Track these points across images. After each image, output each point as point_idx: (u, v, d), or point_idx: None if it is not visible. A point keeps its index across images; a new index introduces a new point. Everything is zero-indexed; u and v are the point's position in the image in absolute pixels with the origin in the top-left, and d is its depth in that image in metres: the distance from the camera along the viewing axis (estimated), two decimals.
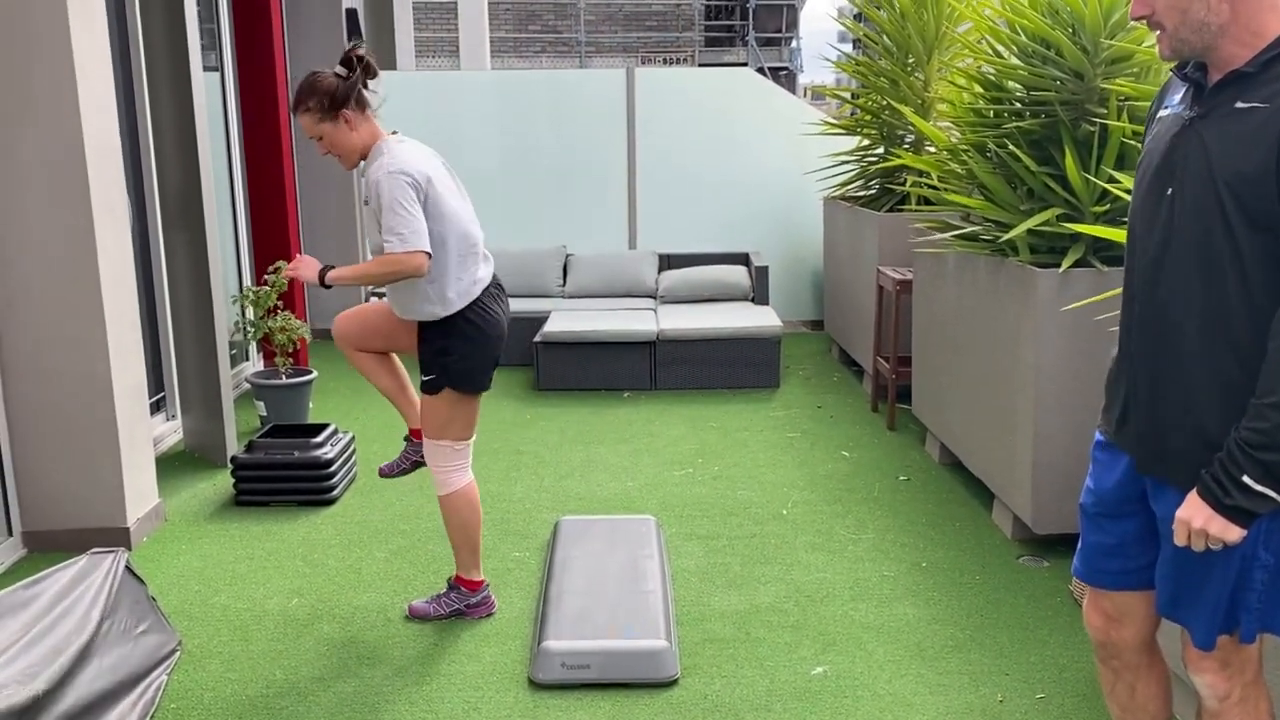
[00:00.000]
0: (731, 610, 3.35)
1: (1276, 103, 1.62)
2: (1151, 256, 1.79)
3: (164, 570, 3.71)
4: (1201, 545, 1.71)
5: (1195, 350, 1.74)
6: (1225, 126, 1.68)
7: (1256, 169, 1.63)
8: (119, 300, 3.86)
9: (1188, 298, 1.73)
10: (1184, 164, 1.74)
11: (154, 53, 4.65)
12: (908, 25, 5.92)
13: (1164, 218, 1.76)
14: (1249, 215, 1.64)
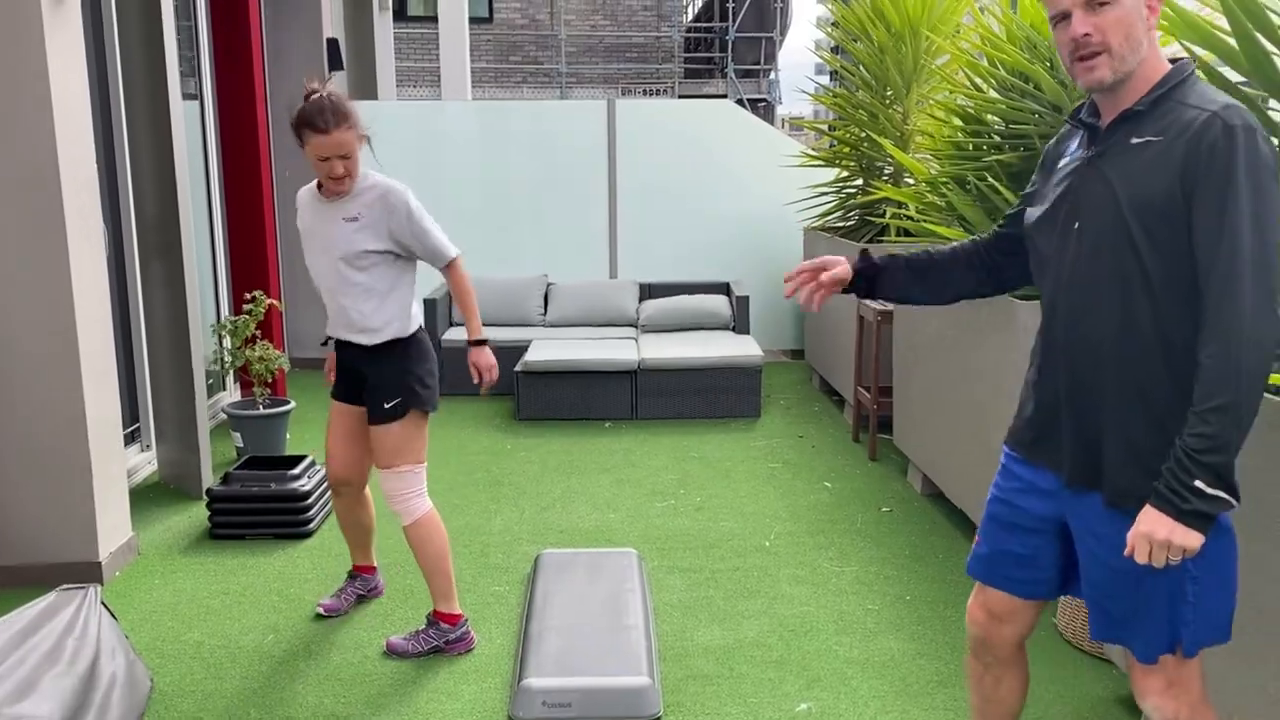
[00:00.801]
0: (715, 645, 3.31)
1: (1169, 135, 1.77)
2: (1068, 286, 1.91)
3: (136, 606, 3.63)
4: (1163, 559, 1.75)
5: (1115, 368, 1.86)
6: (1125, 162, 1.82)
7: (1162, 196, 1.76)
8: (93, 331, 3.80)
9: (1104, 321, 1.86)
10: (1090, 199, 1.87)
11: (132, 79, 4.62)
12: (886, 59, 5.97)
13: (1074, 251, 1.89)
14: (1155, 241, 1.78)
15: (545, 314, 7.13)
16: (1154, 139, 1.79)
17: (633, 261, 7.67)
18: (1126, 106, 1.84)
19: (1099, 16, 1.77)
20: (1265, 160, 1.71)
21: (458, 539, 4.22)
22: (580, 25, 17.58)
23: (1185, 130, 1.75)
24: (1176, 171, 1.75)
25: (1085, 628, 3.23)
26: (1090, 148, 1.90)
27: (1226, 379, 1.70)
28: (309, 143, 3.02)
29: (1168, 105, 1.80)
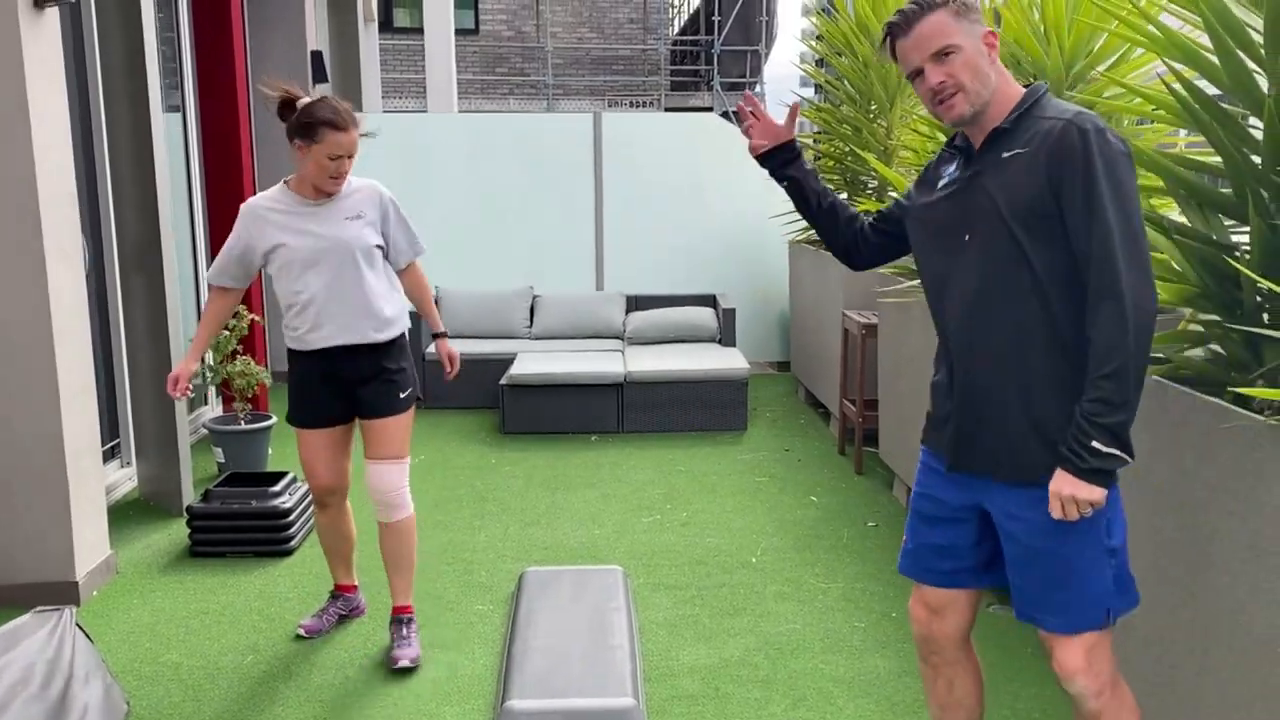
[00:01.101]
0: (700, 665, 3.28)
1: (1033, 145, 2.00)
2: (964, 294, 2.10)
3: (114, 627, 3.58)
4: (1074, 512, 1.95)
5: (1014, 362, 2.05)
6: (999, 174, 2.05)
7: (1035, 197, 1.98)
8: (71, 347, 3.76)
9: (1001, 321, 2.05)
10: (975, 211, 2.07)
11: (113, 92, 4.58)
12: (870, 73, 5.98)
13: (966, 259, 2.09)
14: (1036, 239, 1.99)
15: (531, 326, 7.10)
16: (1021, 150, 2.02)
17: (619, 274, 7.66)
18: (993, 128, 2.08)
19: (948, 65, 2.03)
20: (1117, 151, 1.94)
21: (441, 556, 4.18)
22: (566, 37, 17.60)
23: (1046, 138, 1.98)
24: (1043, 174, 1.97)
25: None
26: (968, 168, 2.12)
27: (1115, 346, 1.90)
28: (325, 140, 3.03)
29: (1029, 121, 2.04)
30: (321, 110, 3.04)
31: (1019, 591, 2.13)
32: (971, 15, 2.06)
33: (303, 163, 3.09)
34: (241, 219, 3.18)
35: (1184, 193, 2.58)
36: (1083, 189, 1.93)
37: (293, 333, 3.22)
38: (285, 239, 3.14)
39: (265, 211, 3.17)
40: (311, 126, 3.03)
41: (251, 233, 3.16)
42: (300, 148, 3.07)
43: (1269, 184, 2.35)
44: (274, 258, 3.16)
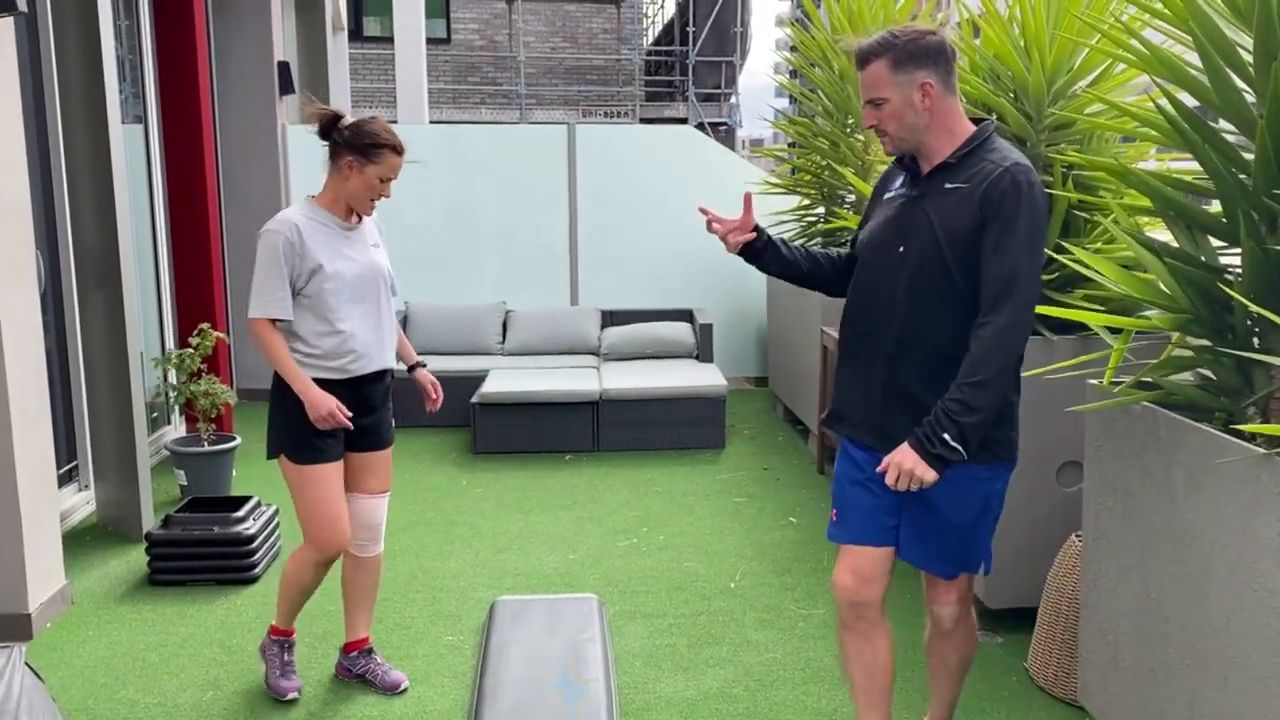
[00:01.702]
0: (678, 698, 3.18)
1: (973, 184, 2.30)
2: (888, 294, 2.40)
3: (67, 662, 3.43)
4: (904, 484, 2.27)
5: (929, 358, 2.36)
6: (940, 202, 2.34)
7: (967, 229, 2.29)
8: (23, 366, 3.61)
9: (921, 322, 2.37)
10: (913, 228, 2.38)
11: (70, 101, 4.43)
12: (846, 86, 5.93)
13: (897, 266, 2.39)
14: (961, 262, 2.31)
15: (504, 342, 6.98)
16: (962, 185, 2.32)
17: (594, 288, 7.56)
18: (938, 160, 2.37)
19: (878, 112, 2.35)
20: (1039, 206, 2.29)
21: (409, 584, 4.06)
22: (540, 47, 17.51)
23: (985, 179, 2.29)
24: (977, 210, 2.29)
25: (1059, 674, 3.14)
26: (913, 189, 2.42)
27: (987, 360, 2.24)
28: (385, 162, 2.93)
29: (974, 159, 2.34)
30: (383, 131, 2.94)
31: (921, 547, 2.49)
32: (910, 66, 2.31)
33: (346, 181, 2.93)
34: (281, 239, 2.87)
35: (1173, 213, 2.52)
36: (1004, 228, 2.25)
37: (327, 361, 2.95)
38: (331, 263, 2.93)
39: (310, 229, 2.92)
40: (375, 147, 2.91)
41: (295, 251, 2.89)
42: (351, 165, 2.91)
43: (1260, 206, 2.30)
44: (317, 279, 2.91)
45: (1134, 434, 2.56)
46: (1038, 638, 3.25)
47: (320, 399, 2.90)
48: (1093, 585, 2.81)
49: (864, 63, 2.35)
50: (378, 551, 3.20)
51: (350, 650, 3.26)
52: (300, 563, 3.07)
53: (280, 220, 2.92)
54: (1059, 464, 3.49)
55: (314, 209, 2.99)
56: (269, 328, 2.93)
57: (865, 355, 2.47)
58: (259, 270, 2.92)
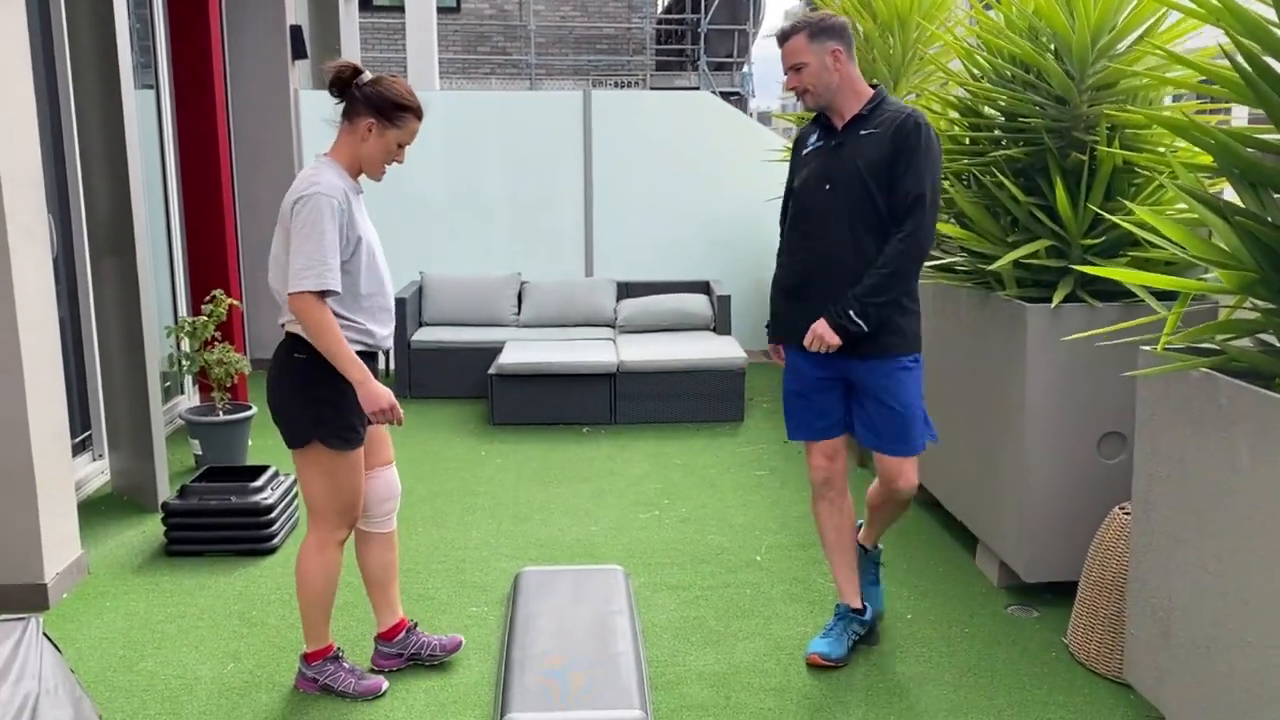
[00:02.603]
0: (709, 671, 3.10)
1: (883, 127, 2.95)
2: (823, 224, 3.01)
3: (85, 632, 3.37)
4: (819, 346, 2.95)
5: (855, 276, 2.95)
6: (859, 144, 2.98)
7: (883, 162, 2.93)
8: (37, 333, 3.52)
9: (846, 245, 2.98)
10: (838, 168, 3.00)
11: (81, 66, 4.33)
12: (873, 50, 5.78)
13: (825, 201, 3.01)
14: (880, 185, 2.94)
15: (519, 314, 6.89)
16: (875, 130, 2.96)
17: (609, 259, 7.45)
18: (853, 114, 3.01)
19: (800, 75, 2.98)
20: (935, 143, 2.95)
21: (432, 555, 3.98)
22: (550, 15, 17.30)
23: (893, 122, 2.94)
24: (889, 147, 2.93)
25: (1101, 649, 3.06)
26: (832, 139, 3.05)
27: (896, 256, 2.91)
28: (406, 127, 2.77)
29: (880, 111, 2.99)
30: (407, 94, 2.76)
31: (873, 432, 3.07)
32: (822, 37, 2.96)
33: (362, 143, 2.76)
34: (334, 204, 2.67)
35: (1237, 171, 2.40)
36: (907, 157, 2.92)
37: (367, 337, 2.81)
38: (366, 232, 2.79)
39: (348, 197, 2.74)
40: (398, 110, 2.74)
41: (341, 221, 2.70)
42: (372, 128, 2.74)
43: None
44: (359, 251, 2.74)
45: (1191, 401, 2.46)
46: (1078, 612, 3.17)
47: (380, 391, 2.70)
48: (1141, 559, 2.72)
49: (786, 38, 3.00)
50: (394, 526, 3.08)
51: (394, 635, 3.10)
52: (324, 550, 2.88)
53: (329, 185, 2.68)
54: (1100, 435, 3.40)
55: (340, 171, 2.78)
56: (321, 304, 2.64)
57: (812, 278, 3.04)
58: (308, 238, 2.62)
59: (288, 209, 2.70)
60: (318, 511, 2.86)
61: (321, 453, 2.79)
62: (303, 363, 2.75)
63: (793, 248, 3.10)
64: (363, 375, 2.69)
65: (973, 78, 4.06)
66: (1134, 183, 3.52)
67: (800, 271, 3.06)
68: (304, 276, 2.63)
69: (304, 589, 2.90)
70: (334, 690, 2.95)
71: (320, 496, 2.84)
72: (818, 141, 3.09)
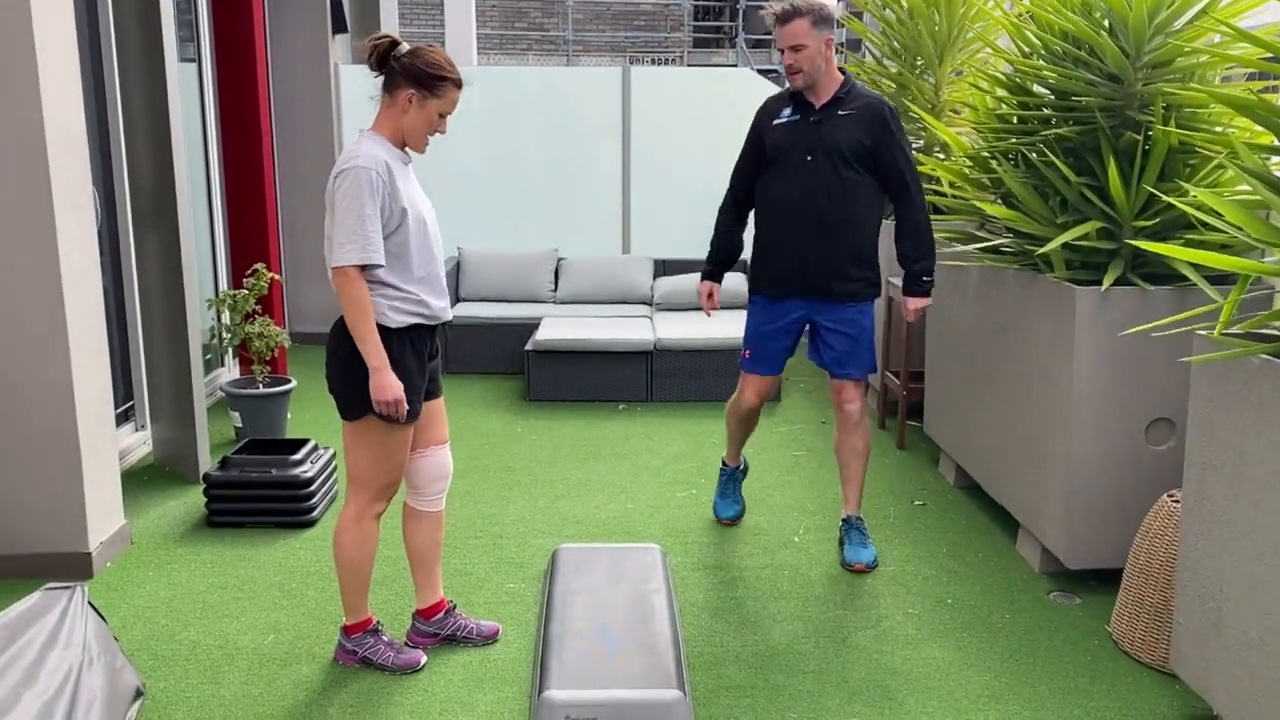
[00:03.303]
0: (747, 652, 3.09)
1: (859, 111, 3.47)
2: (808, 191, 3.51)
3: (128, 601, 3.41)
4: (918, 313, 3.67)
5: (833, 233, 3.52)
6: (837, 123, 3.49)
7: (859, 142, 3.46)
8: (82, 303, 3.56)
9: (829, 210, 3.50)
10: (819, 143, 3.49)
11: (126, 39, 4.34)
12: (919, 25, 5.68)
13: (808, 171, 3.51)
14: (859, 162, 3.48)
15: (556, 290, 6.87)
16: (851, 112, 3.49)
17: (646, 236, 7.41)
18: (829, 96, 3.50)
19: (798, 55, 3.41)
20: (900, 123, 3.55)
21: (469, 530, 4.00)
22: None
23: (867, 108, 3.49)
24: (866, 129, 3.48)
25: (1146, 639, 3.01)
26: (810, 116, 3.52)
27: (926, 225, 3.58)
28: (446, 96, 2.75)
29: (852, 95, 3.51)
30: (445, 63, 2.74)
31: (839, 360, 3.64)
32: (821, 26, 3.40)
33: (403, 115, 2.74)
34: (373, 175, 2.65)
35: None
36: (890, 142, 3.49)
37: (422, 308, 2.79)
38: (413, 204, 2.77)
39: (393, 168, 2.72)
40: (437, 79, 2.72)
41: (386, 190, 2.69)
42: (411, 99, 2.72)
43: None
44: (405, 222, 2.72)
45: (1250, 389, 2.40)
46: (1123, 601, 3.12)
47: (391, 382, 2.69)
48: (1192, 548, 2.67)
49: (789, 18, 3.40)
50: (442, 505, 3.09)
51: (433, 614, 3.11)
52: (361, 521, 2.88)
53: (368, 156, 2.67)
54: (1148, 421, 3.33)
55: (387, 147, 2.77)
56: (360, 279, 2.65)
57: (796, 236, 3.55)
58: (348, 211, 2.62)
59: (331, 185, 2.71)
60: (358, 483, 2.87)
61: (374, 425, 2.80)
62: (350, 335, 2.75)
63: (780, 208, 3.59)
64: (380, 363, 2.69)
65: (1022, 54, 3.98)
66: (1189, 163, 3.44)
67: (798, 230, 3.55)
68: (346, 250, 2.64)
69: (341, 560, 2.92)
70: (373, 663, 2.97)
71: (365, 468, 2.85)
72: (793, 115, 3.54)
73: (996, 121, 4.05)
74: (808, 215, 3.51)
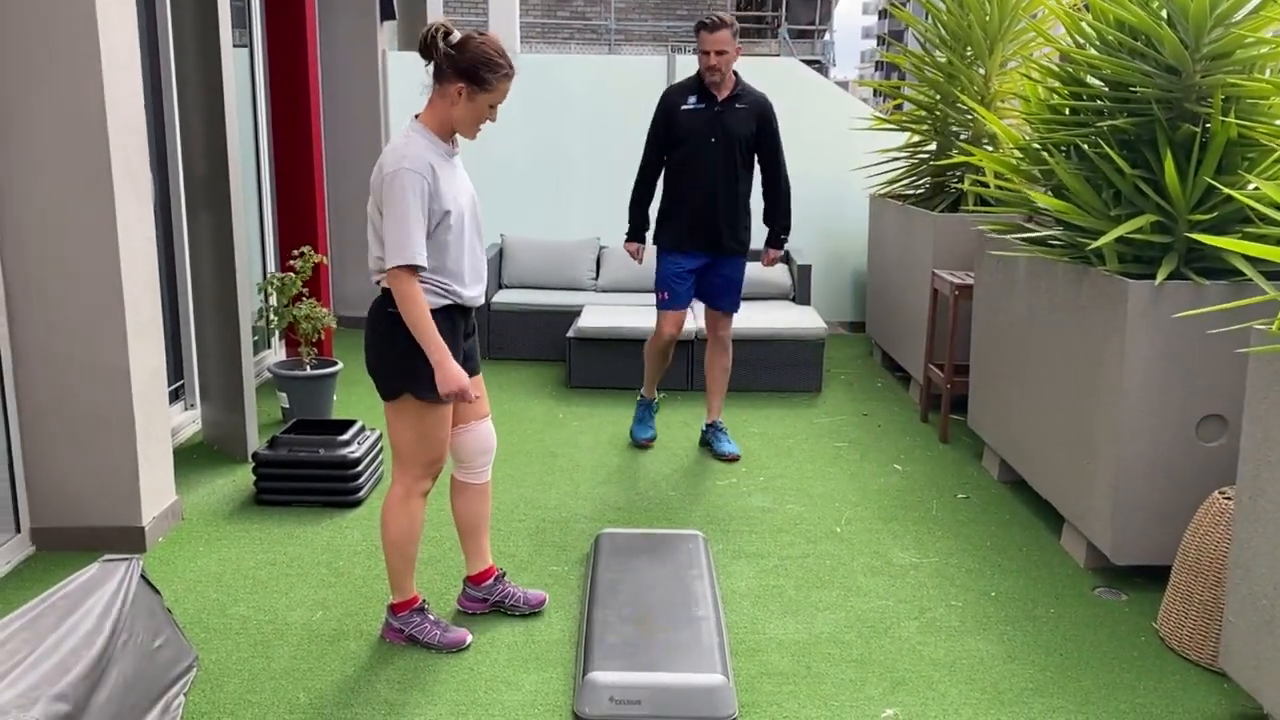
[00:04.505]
0: (789, 640, 3.10)
1: (749, 105, 4.45)
2: (710, 167, 4.44)
3: (180, 575, 3.48)
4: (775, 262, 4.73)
5: (730, 200, 4.48)
6: (734, 115, 4.42)
7: (751, 129, 4.46)
8: (139, 281, 3.63)
9: (725, 183, 4.45)
10: (721, 129, 4.41)
11: (182, 26, 4.41)
12: (969, 15, 5.63)
13: (711, 150, 4.43)
14: (749, 147, 4.49)
15: (597, 278, 6.89)
16: (745, 106, 4.44)
17: None
18: (730, 92, 4.43)
19: (721, 58, 4.31)
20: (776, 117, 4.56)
21: (513, 513, 4.03)
22: None
23: (755, 103, 4.47)
24: (755, 120, 4.46)
25: (1194, 636, 2.98)
26: (714, 107, 4.42)
27: (788, 195, 4.63)
28: (497, 89, 2.77)
29: (745, 92, 4.46)
30: (496, 53, 2.75)
31: (719, 298, 4.66)
32: (736, 39, 4.37)
33: (453, 106, 2.77)
34: (421, 181, 2.69)
35: None
36: (772, 131, 4.51)
37: (456, 292, 2.84)
38: (455, 200, 2.80)
39: (439, 167, 2.76)
40: (489, 74, 2.74)
41: (430, 194, 2.73)
42: (462, 92, 2.74)
43: None
44: (444, 221, 2.77)
45: None
46: (1170, 598, 3.09)
47: (456, 373, 2.75)
48: (1245, 545, 2.64)
49: (718, 28, 4.34)
50: (488, 477, 3.15)
51: (482, 580, 3.19)
52: (408, 500, 2.93)
53: (417, 160, 2.70)
54: (1200, 417, 3.29)
55: (430, 137, 2.80)
56: (411, 279, 2.70)
57: (701, 203, 4.47)
58: (399, 214, 2.68)
59: (378, 181, 2.75)
60: (404, 462, 2.92)
61: (412, 404, 2.84)
62: (395, 317, 2.79)
63: (687, 180, 4.47)
64: (441, 356, 2.74)
65: (1076, 45, 3.93)
66: (1247, 156, 3.38)
67: (698, 200, 4.46)
68: (395, 254, 2.70)
69: (388, 538, 2.97)
70: (419, 641, 3.01)
71: (408, 447, 2.90)
72: (698, 104, 4.44)
73: (1048, 112, 4.01)
74: (709, 186, 4.44)
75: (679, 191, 4.49)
